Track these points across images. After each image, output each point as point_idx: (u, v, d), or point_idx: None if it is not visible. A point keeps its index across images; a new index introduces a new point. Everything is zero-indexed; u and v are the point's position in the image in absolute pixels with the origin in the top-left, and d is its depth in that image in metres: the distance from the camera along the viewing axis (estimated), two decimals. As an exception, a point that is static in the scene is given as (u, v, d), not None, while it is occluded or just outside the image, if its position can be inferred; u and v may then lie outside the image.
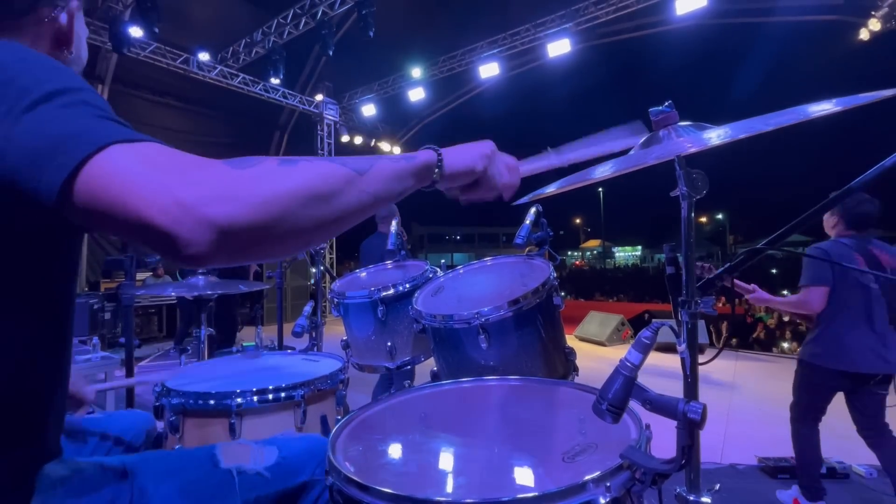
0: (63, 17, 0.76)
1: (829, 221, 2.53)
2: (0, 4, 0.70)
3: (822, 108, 0.77)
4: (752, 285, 2.48)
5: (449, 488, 0.80)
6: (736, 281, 2.43)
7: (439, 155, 0.75)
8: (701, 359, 0.97)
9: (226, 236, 0.49)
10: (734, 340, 9.34)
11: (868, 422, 2.36)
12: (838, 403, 2.46)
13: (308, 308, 2.29)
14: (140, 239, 0.49)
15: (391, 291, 1.77)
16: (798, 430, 2.51)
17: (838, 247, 2.41)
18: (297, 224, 0.53)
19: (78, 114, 0.53)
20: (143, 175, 0.48)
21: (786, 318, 10.43)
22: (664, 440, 0.88)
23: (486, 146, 0.83)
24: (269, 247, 0.53)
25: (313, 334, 2.33)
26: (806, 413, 2.49)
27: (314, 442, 1.07)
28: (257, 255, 0.54)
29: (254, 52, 9.73)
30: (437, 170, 0.75)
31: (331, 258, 12.19)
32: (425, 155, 0.74)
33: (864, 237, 2.42)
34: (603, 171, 1.01)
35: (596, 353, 7.25)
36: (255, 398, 1.40)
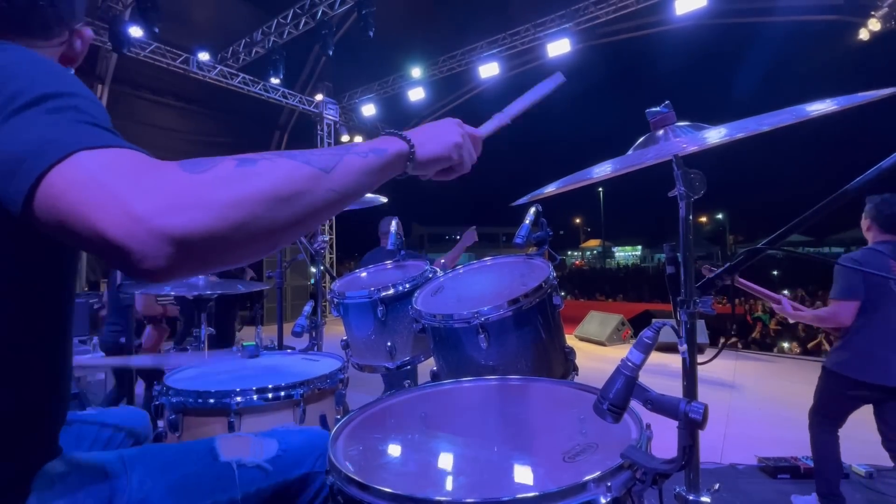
0: (78, 44, 0.78)
1: (864, 225, 2.45)
2: (38, 27, 0.71)
3: (819, 107, 0.77)
4: (779, 296, 2.42)
5: (449, 488, 0.80)
6: (762, 289, 2.38)
7: (411, 145, 0.72)
8: (701, 358, 0.97)
9: (183, 248, 0.46)
10: (738, 344, 9.32)
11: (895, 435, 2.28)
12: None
13: (308, 308, 2.29)
14: (96, 252, 0.47)
15: (391, 291, 1.77)
16: (816, 435, 2.44)
17: (872, 255, 2.33)
18: (260, 228, 0.51)
19: (60, 119, 0.51)
20: (100, 184, 0.46)
21: (792, 322, 10.39)
22: (664, 440, 0.88)
23: (455, 132, 0.81)
24: (232, 253, 0.51)
25: (313, 334, 2.33)
26: (825, 420, 2.43)
27: (314, 435, 1.06)
28: (222, 263, 0.51)
29: (254, 51, 9.73)
30: (409, 162, 0.72)
31: (331, 258, 12.18)
32: (396, 145, 0.70)
33: None
34: (603, 171, 1.02)
35: (596, 352, 7.25)
36: (255, 397, 1.40)
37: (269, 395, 1.42)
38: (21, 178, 0.48)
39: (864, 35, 8.48)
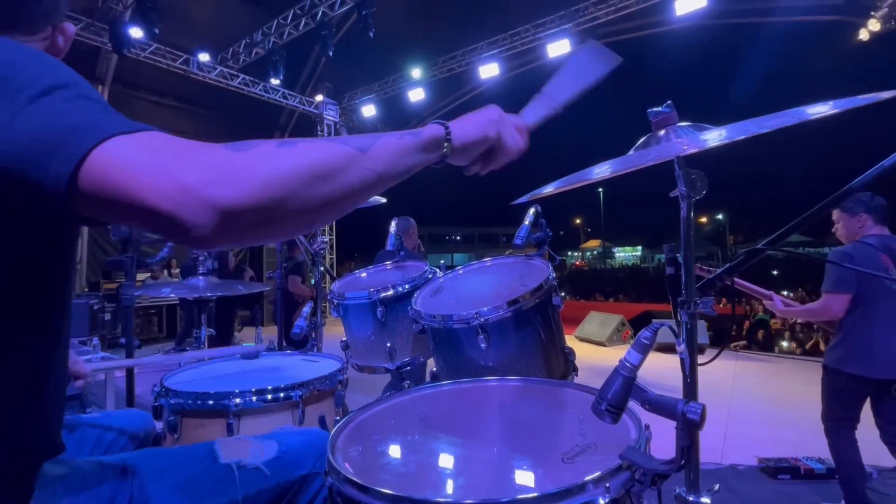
0: (60, 40, 0.78)
1: (854, 223, 2.42)
2: (21, 21, 0.72)
3: (819, 109, 0.76)
4: (770, 292, 2.39)
5: (448, 489, 0.80)
6: (753, 286, 2.35)
7: (447, 128, 0.72)
8: (701, 359, 0.97)
9: (229, 218, 0.49)
10: (738, 345, 9.31)
11: (893, 429, 2.26)
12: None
13: (307, 309, 2.29)
14: (147, 225, 0.50)
15: (390, 292, 1.77)
16: (833, 440, 2.38)
17: (863, 249, 2.32)
18: (301, 204, 0.54)
19: (82, 107, 0.54)
20: (146, 162, 0.49)
21: (796, 321, 10.36)
22: (664, 440, 0.87)
23: (493, 112, 0.80)
24: (274, 227, 0.54)
25: (313, 335, 2.33)
26: (838, 422, 2.37)
27: (314, 436, 1.07)
28: (264, 236, 0.54)
29: (254, 52, 9.73)
30: (446, 144, 0.72)
31: (331, 259, 12.18)
32: (432, 129, 0.71)
33: (887, 234, 2.34)
34: (602, 171, 1.02)
35: (596, 353, 7.25)
36: (254, 398, 1.40)
37: (268, 397, 1.41)
38: (62, 161, 0.49)
39: (863, 35, 8.48)
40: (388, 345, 1.78)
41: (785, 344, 9.88)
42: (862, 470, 2.34)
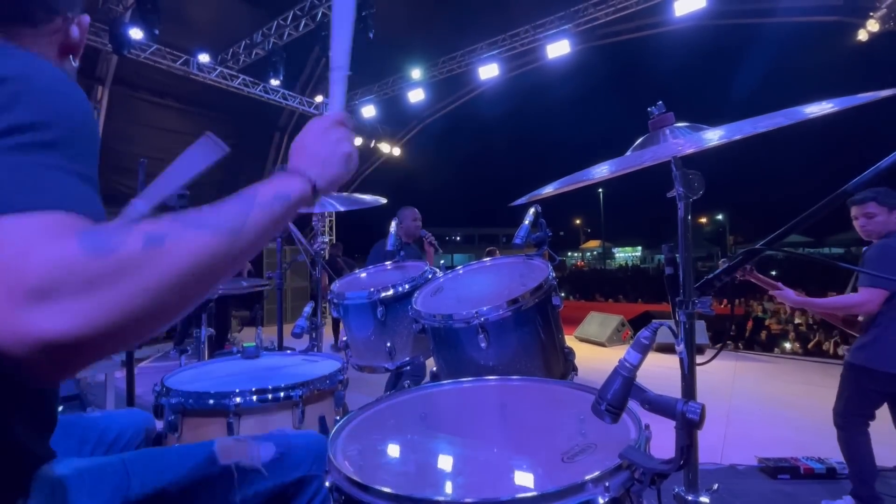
0: (75, 31, 0.77)
1: (892, 218, 2.32)
2: (19, 14, 0.70)
3: (816, 108, 0.77)
4: (778, 283, 2.31)
5: (448, 488, 0.80)
6: (759, 275, 2.29)
7: (313, 182, 0.72)
8: (700, 359, 0.98)
9: (55, 352, 0.41)
10: (739, 345, 9.30)
11: None
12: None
13: (308, 309, 2.29)
14: None
15: (391, 292, 1.77)
16: (849, 436, 2.37)
17: None
18: (159, 312, 0.48)
19: (15, 163, 0.48)
20: None
21: (797, 321, 10.31)
22: (664, 440, 0.88)
23: (345, 143, 0.79)
24: (134, 338, 0.48)
25: (313, 335, 2.33)
26: (855, 419, 2.35)
27: (311, 438, 1.07)
28: (118, 349, 0.48)
29: (254, 53, 9.73)
30: (314, 196, 0.73)
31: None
32: (297, 188, 0.69)
33: None
34: (601, 172, 1.02)
35: (596, 353, 7.25)
36: (254, 398, 1.40)
37: (269, 397, 1.42)
38: None
39: (862, 36, 8.48)
40: (388, 344, 1.78)
41: (788, 345, 9.87)
42: (874, 465, 2.33)
